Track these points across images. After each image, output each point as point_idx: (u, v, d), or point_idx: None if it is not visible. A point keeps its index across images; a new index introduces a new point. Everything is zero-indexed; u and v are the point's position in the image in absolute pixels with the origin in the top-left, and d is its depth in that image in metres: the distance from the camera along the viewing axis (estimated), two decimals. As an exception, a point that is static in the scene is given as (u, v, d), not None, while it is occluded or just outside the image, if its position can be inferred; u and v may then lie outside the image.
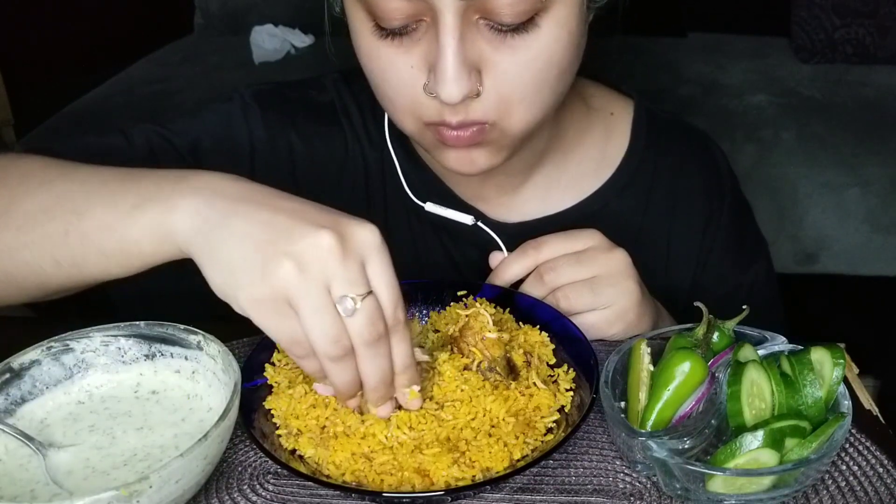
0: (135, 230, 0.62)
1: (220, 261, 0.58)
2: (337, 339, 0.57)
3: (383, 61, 0.71)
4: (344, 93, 0.90)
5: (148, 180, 0.64)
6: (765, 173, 2.09)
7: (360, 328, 0.57)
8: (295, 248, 0.56)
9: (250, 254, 0.56)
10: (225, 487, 0.63)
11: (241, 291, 0.57)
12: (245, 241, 0.57)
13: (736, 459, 0.58)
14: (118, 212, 0.63)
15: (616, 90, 0.94)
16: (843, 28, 2.38)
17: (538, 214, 0.89)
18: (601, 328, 0.77)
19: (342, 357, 0.57)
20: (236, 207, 0.59)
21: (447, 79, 0.66)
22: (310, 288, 0.55)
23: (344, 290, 0.56)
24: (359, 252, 0.57)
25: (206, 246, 0.59)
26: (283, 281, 0.55)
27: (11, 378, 0.65)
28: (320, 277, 0.56)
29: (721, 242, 0.93)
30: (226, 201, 0.60)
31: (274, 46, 2.55)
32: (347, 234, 0.57)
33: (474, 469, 0.60)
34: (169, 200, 0.61)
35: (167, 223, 0.60)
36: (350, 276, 0.56)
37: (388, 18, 0.67)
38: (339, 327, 0.56)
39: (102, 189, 0.65)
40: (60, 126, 2.25)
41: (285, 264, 0.55)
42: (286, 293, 0.55)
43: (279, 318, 0.57)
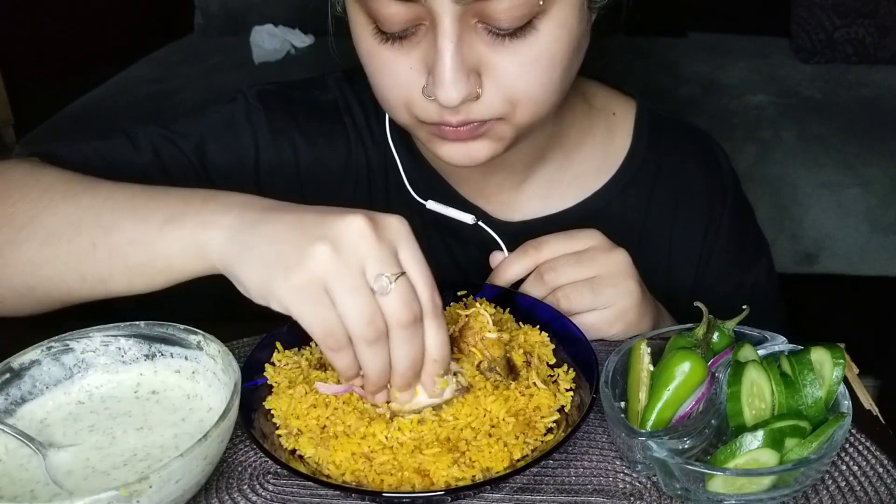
0: (166, 245, 0.63)
1: (253, 262, 0.59)
2: (372, 319, 0.57)
3: (382, 62, 0.71)
4: (347, 92, 0.90)
5: (175, 197, 0.65)
6: (765, 173, 2.08)
7: (395, 308, 0.57)
8: (329, 232, 0.57)
9: (284, 248, 0.58)
10: (225, 487, 0.63)
11: (277, 283, 0.57)
12: (277, 238, 0.59)
13: (736, 459, 0.58)
14: (148, 227, 0.64)
15: (618, 90, 0.94)
16: (843, 28, 2.38)
17: (540, 213, 0.89)
18: (601, 328, 0.77)
19: (376, 340, 0.58)
20: (265, 215, 0.61)
21: (445, 83, 0.67)
22: (345, 268, 0.56)
23: (378, 269, 0.57)
24: (390, 237, 0.59)
25: (239, 252, 0.60)
26: (320, 263, 0.56)
27: (11, 378, 0.65)
28: (355, 258, 0.57)
29: (722, 242, 0.93)
30: (254, 212, 0.61)
31: (274, 46, 2.55)
32: (378, 220, 0.59)
33: (474, 469, 0.60)
34: (200, 216, 0.62)
35: (200, 238, 0.62)
36: (383, 256, 0.57)
37: (387, 23, 0.68)
38: (375, 308, 0.57)
39: (129, 205, 0.66)
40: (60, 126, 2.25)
41: (321, 247, 0.56)
42: (323, 276, 0.56)
43: (316, 306, 0.57)
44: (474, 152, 0.74)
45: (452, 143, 0.74)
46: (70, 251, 0.66)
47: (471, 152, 0.74)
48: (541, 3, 0.66)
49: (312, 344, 0.73)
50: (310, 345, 0.73)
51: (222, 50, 2.64)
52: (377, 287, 0.57)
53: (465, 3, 0.65)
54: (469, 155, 0.74)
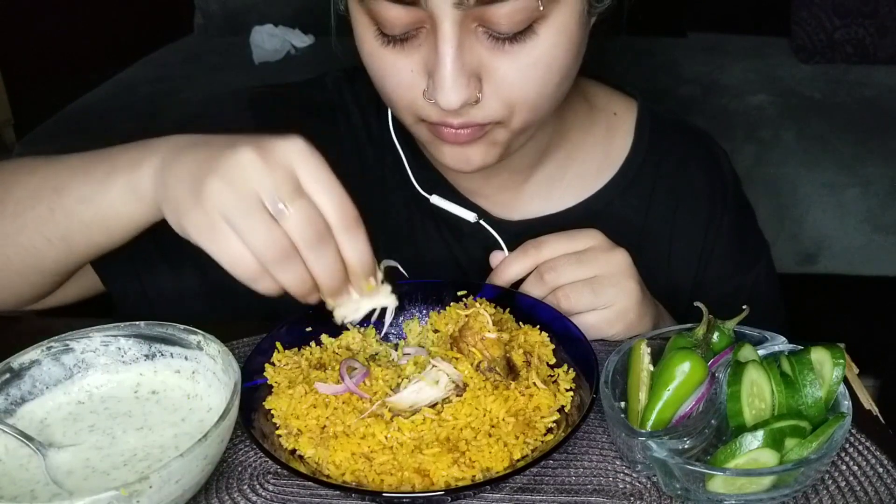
0: (110, 196, 0.67)
1: (170, 199, 0.62)
2: (272, 241, 0.58)
3: (384, 63, 0.71)
4: (344, 91, 0.90)
5: (120, 151, 0.69)
6: (765, 173, 2.09)
7: (296, 228, 0.58)
8: (220, 166, 0.59)
9: (188, 185, 0.60)
10: (225, 487, 0.63)
11: (185, 221, 0.60)
12: (186, 176, 0.61)
13: (736, 459, 0.58)
14: (94, 182, 0.68)
15: (619, 90, 0.94)
16: (843, 28, 2.38)
17: (541, 213, 0.89)
18: (601, 328, 0.77)
19: (283, 259, 0.59)
20: (182, 153, 0.64)
21: (445, 87, 0.67)
22: (237, 198, 0.58)
23: (271, 195, 0.58)
24: (284, 161, 0.59)
25: (162, 191, 0.64)
26: (213, 198, 0.58)
27: (11, 378, 0.65)
28: (246, 187, 0.58)
29: (723, 243, 0.93)
30: (176, 151, 0.64)
31: (274, 46, 2.55)
32: (269, 147, 0.60)
33: (474, 469, 0.60)
34: (134, 162, 0.66)
35: (134, 182, 0.66)
36: (275, 181, 0.58)
37: (389, 25, 0.68)
38: (274, 230, 0.58)
39: (80, 166, 0.71)
40: (60, 126, 2.25)
41: (213, 182, 0.58)
42: (219, 209, 0.58)
43: (221, 239, 0.59)
44: (472, 157, 0.75)
45: (450, 146, 0.74)
46: (33, 217, 0.71)
47: (468, 157, 0.75)
48: (541, 8, 0.67)
49: (312, 344, 0.73)
50: (310, 345, 0.73)
51: (222, 50, 2.64)
52: (273, 210, 0.58)
53: (465, 8, 0.65)
54: (467, 160, 0.75)
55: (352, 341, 0.73)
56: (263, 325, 0.75)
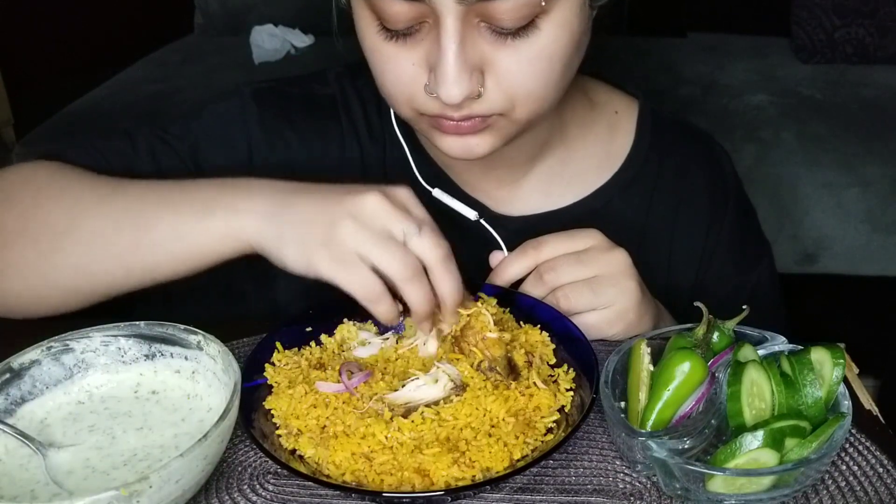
0: (205, 235, 0.71)
1: (290, 240, 0.68)
2: (405, 261, 0.66)
3: (386, 58, 0.72)
4: (346, 86, 0.91)
5: (205, 190, 0.73)
6: (765, 173, 2.08)
7: (428, 247, 0.66)
8: (351, 209, 0.66)
9: (315, 226, 0.67)
10: (225, 487, 0.63)
11: (315, 259, 0.66)
12: (307, 218, 0.68)
13: (736, 459, 0.58)
14: (186, 219, 0.72)
15: (621, 90, 0.94)
16: (843, 28, 2.38)
17: (540, 209, 0.89)
18: (601, 328, 0.77)
19: (413, 276, 0.66)
20: (292, 198, 0.70)
21: (447, 81, 0.68)
22: (370, 234, 0.66)
23: (401, 225, 0.66)
24: (400, 202, 0.68)
25: (276, 232, 0.69)
26: (348, 237, 0.65)
27: (11, 378, 0.65)
28: (377, 224, 0.66)
29: (724, 244, 0.93)
30: (283, 194, 0.70)
31: (274, 46, 2.55)
32: (388, 192, 0.68)
33: (474, 469, 0.60)
34: (232, 204, 0.70)
35: (236, 223, 0.70)
36: (401, 217, 0.67)
37: (392, 20, 0.69)
38: (406, 252, 0.66)
39: (163, 201, 0.74)
40: (60, 126, 2.25)
41: (346, 224, 0.66)
42: (352, 246, 0.65)
43: (351, 270, 0.66)
44: (473, 146, 0.75)
45: (452, 136, 0.74)
46: (114, 250, 0.73)
47: (469, 146, 0.75)
48: (543, 3, 0.67)
49: (312, 344, 0.73)
50: (309, 345, 0.73)
51: (222, 50, 2.64)
52: (405, 236, 0.66)
53: (468, 4, 0.65)
54: (468, 148, 0.75)
55: (347, 334, 0.73)
56: (263, 325, 0.75)
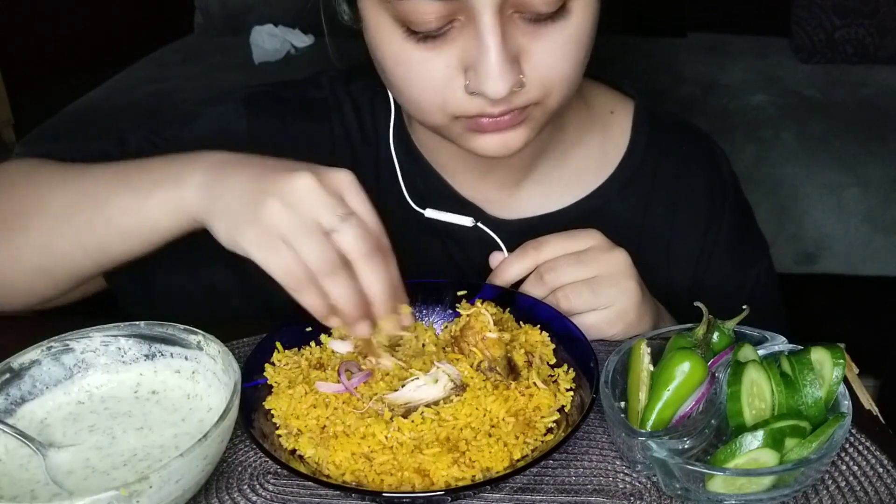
0: (152, 209, 0.71)
1: (221, 213, 0.67)
2: (325, 255, 0.63)
3: (415, 64, 0.70)
4: (339, 91, 0.90)
5: (157, 166, 0.73)
6: (765, 173, 2.08)
7: (351, 241, 0.64)
8: (280, 188, 0.64)
9: (244, 202, 0.65)
10: (225, 487, 0.63)
11: (239, 234, 0.65)
12: (239, 192, 0.66)
13: (736, 459, 0.58)
14: (135, 196, 0.72)
15: (617, 89, 0.94)
16: (843, 28, 2.38)
17: (538, 212, 0.89)
18: (601, 328, 0.77)
19: (334, 271, 0.63)
20: (231, 169, 0.69)
21: (493, 76, 0.67)
22: (294, 218, 0.63)
23: (328, 213, 0.63)
24: (335, 187, 0.65)
25: (210, 204, 0.68)
26: (272, 217, 0.63)
27: (11, 378, 0.65)
28: (303, 208, 0.63)
29: (722, 243, 0.93)
30: (223, 166, 0.69)
31: (274, 46, 2.55)
32: (322, 174, 0.65)
33: (474, 469, 0.60)
34: (177, 177, 0.70)
35: (178, 197, 0.70)
36: (330, 203, 0.64)
37: (422, 22, 0.67)
38: (327, 245, 0.63)
39: (117, 179, 0.74)
40: (60, 126, 2.25)
41: (271, 202, 0.63)
42: (276, 227, 0.63)
43: (274, 252, 0.63)
44: (511, 141, 0.74)
45: (489, 135, 0.73)
46: (71, 228, 0.74)
47: (507, 141, 0.74)
48: None
49: (312, 344, 0.73)
50: (310, 345, 0.73)
51: (222, 50, 2.64)
52: (329, 226, 0.63)
53: None
54: (506, 144, 0.74)
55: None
56: (263, 325, 0.75)
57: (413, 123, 0.88)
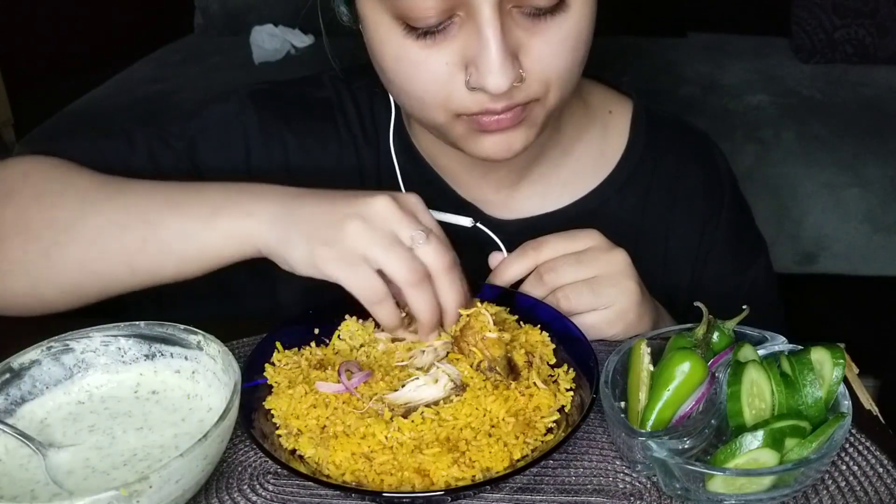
0: (214, 236, 0.71)
1: (298, 241, 0.68)
2: (412, 267, 0.66)
3: (416, 62, 0.70)
4: (341, 90, 0.90)
5: (213, 192, 0.74)
6: (765, 173, 2.08)
7: (434, 255, 0.67)
8: (359, 210, 0.67)
9: (322, 226, 0.67)
10: (225, 487, 0.63)
11: (319, 258, 0.67)
12: (316, 219, 0.68)
13: (736, 459, 0.58)
14: (194, 221, 0.72)
15: (615, 89, 0.94)
16: (843, 28, 2.38)
17: (537, 212, 0.89)
18: (601, 328, 0.77)
19: (420, 282, 0.66)
20: (300, 200, 0.71)
21: (494, 71, 0.67)
22: (377, 235, 0.66)
23: (409, 230, 0.67)
24: (410, 209, 0.69)
25: (283, 234, 0.69)
26: (354, 236, 0.66)
27: (11, 378, 0.65)
28: (385, 227, 0.67)
29: (720, 243, 0.93)
30: (291, 198, 0.71)
31: (274, 46, 2.55)
32: (398, 196, 0.69)
33: (474, 469, 0.60)
34: (241, 206, 0.71)
35: (246, 226, 0.70)
36: (409, 222, 0.67)
37: (421, 18, 0.67)
38: (413, 257, 0.66)
39: (170, 202, 0.74)
40: (60, 126, 2.25)
41: (353, 223, 0.66)
42: (358, 247, 0.66)
43: (355, 271, 0.66)
44: (512, 142, 0.74)
45: (492, 135, 0.73)
46: (119, 248, 0.73)
47: (509, 142, 0.74)
48: None
49: (312, 344, 0.73)
50: (310, 345, 0.73)
51: (222, 50, 2.64)
52: (412, 242, 0.66)
53: None
54: (508, 145, 0.74)
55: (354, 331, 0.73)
56: (263, 325, 0.75)
57: (413, 124, 0.88)
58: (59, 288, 0.75)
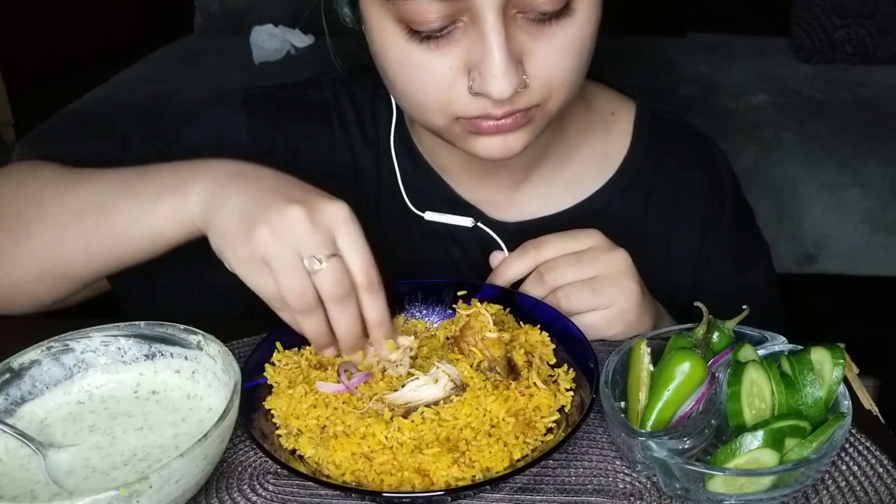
0: (158, 218, 0.73)
1: (217, 228, 0.69)
2: (302, 294, 0.65)
3: (418, 66, 0.70)
4: (340, 92, 0.90)
5: (164, 173, 0.75)
6: (765, 173, 2.08)
7: (326, 285, 0.65)
8: (272, 218, 0.66)
9: (237, 223, 0.67)
10: (225, 487, 0.63)
11: (229, 252, 0.68)
12: (235, 212, 0.68)
13: (736, 459, 0.58)
14: (141, 203, 0.74)
15: (618, 90, 0.94)
16: (843, 28, 2.38)
17: (539, 214, 0.89)
18: (601, 328, 0.77)
19: (308, 310, 0.66)
20: (233, 185, 0.70)
21: (497, 76, 0.67)
22: (280, 250, 0.65)
23: (310, 251, 0.65)
24: (327, 223, 0.66)
25: (211, 218, 0.70)
26: (260, 243, 0.65)
27: (11, 378, 0.65)
28: (290, 242, 0.65)
29: (721, 244, 0.93)
30: (226, 180, 0.71)
31: (274, 46, 2.55)
32: (316, 208, 0.67)
33: (474, 469, 0.60)
34: (184, 187, 0.72)
35: (184, 207, 0.72)
36: (316, 241, 0.65)
37: (425, 22, 0.67)
38: (305, 284, 0.65)
39: (125, 186, 0.76)
40: (60, 126, 2.25)
41: (262, 230, 0.65)
42: (262, 253, 0.65)
43: (259, 275, 0.66)
44: (511, 143, 0.74)
45: (491, 136, 0.73)
46: (76, 232, 0.76)
47: (508, 143, 0.74)
48: None
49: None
50: (310, 345, 0.73)
51: (222, 50, 2.64)
52: (309, 267, 0.65)
53: None
54: (506, 146, 0.74)
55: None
56: (263, 325, 0.75)
57: (414, 125, 0.88)
58: (27, 273, 0.78)
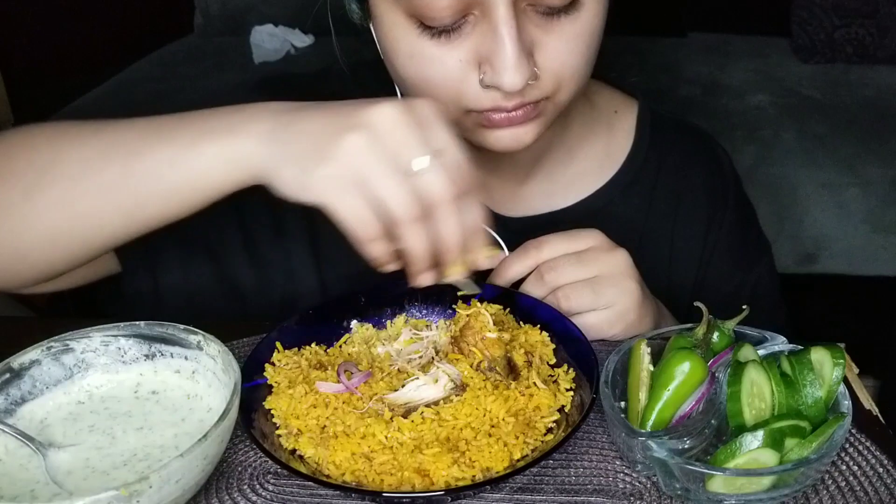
0: (201, 160, 0.64)
1: (292, 159, 0.60)
2: (412, 201, 0.58)
3: (430, 59, 0.70)
4: (349, 85, 0.90)
5: (209, 117, 0.66)
6: (765, 173, 2.09)
7: (438, 184, 0.59)
8: (363, 121, 0.58)
9: (319, 139, 0.59)
10: (225, 487, 0.63)
11: (310, 175, 0.59)
12: (316, 132, 0.60)
13: (736, 459, 0.58)
14: (179, 146, 0.65)
15: (620, 90, 0.95)
16: (843, 28, 2.39)
17: (542, 211, 0.89)
18: (602, 328, 0.77)
19: (418, 219, 0.59)
20: (298, 114, 0.63)
21: (509, 69, 0.67)
22: (380, 155, 0.58)
23: (416, 151, 0.58)
24: (423, 120, 0.60)
25: (278, 153, 0.61)
26: (354, 152, 0.58)
27: (11, 378, 0.65)
28: (390, 144, 0.58)
29: (724, 243, 0.93)
30: (286, 113, 0.63)
31: (274, 46, 2.55)
32: (409, 105, 0.60)
33: (474, 469, 0.60)
34: (231, 126, 0.64)
35: (234, 147, 0.63)
36: (419, 138, 0.59)
37: (437, 17, 0.68)
38: (413, 189, 0.58)
39: (160, 131, 0.67)
40: (60, 126, 2.25)
41: (355, 136, 0.58)
42: (357, 165, 0.58)
43: (349, 195, 0.58)
44: (523, 135, 0.74)
45: (503, 129, 0.74)
46: (102, 182, 0.67)
47: (518, 135, 0.74)
48: None
49: (312, 344, 0.73)
50: (310, 345, 0.73)
51: (222, 50, 2.64)
52: (418, 167, 0.58)
53: None
54: (517, 138, 0.74)
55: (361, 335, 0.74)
56: (263, 325, 0.75)
57: None
58: (40, 238, 0.70)
